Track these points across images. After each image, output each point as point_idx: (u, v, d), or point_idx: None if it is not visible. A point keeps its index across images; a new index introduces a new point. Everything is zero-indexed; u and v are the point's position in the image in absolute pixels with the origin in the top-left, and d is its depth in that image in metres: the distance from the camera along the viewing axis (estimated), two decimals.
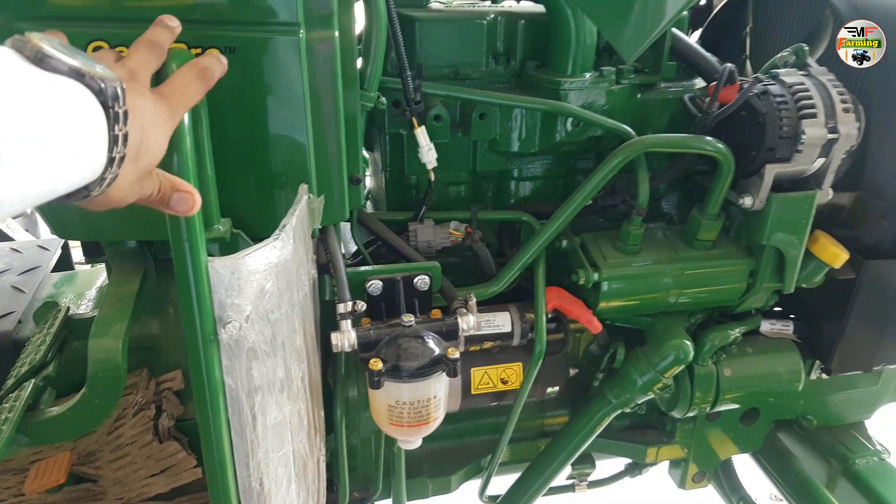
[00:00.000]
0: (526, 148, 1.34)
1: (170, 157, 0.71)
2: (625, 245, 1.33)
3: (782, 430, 1.89)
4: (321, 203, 1.03)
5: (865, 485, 1.72)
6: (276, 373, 0.92)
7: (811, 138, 1.21)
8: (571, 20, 1.25)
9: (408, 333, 1.10)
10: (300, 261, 0.96)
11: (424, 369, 1.07)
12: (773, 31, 1.76)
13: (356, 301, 1.09)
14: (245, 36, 0.93)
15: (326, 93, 1.01)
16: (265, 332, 0.87)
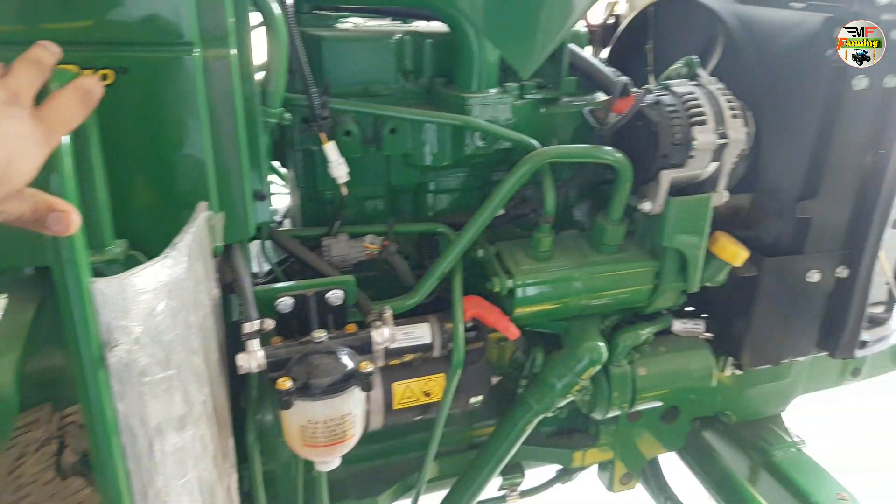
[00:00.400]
0: (438, 161, 1.37)
1: (46, 178, 0.70)
2: (536, 252, 1.36)
3: (705, 428, 1.96)
4: (221, 220, 1.03)
5: (785, 476, 1.80)
6: (172, 397, 0.91)
7: (702, 144, 1.27)
8: (473, 39, 1.28)
9: (319, 350, 1.10)
10: (198, 279, 0.95)
11: (337, 385, 1.07)
12: (673, 46, 1.85)
13: (263, 319, 1.09)
14: (138, 56, 0.93)
15: (224, 110, 1.01)
16: (158, 355, 0.86)
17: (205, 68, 0.97)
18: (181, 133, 0.98)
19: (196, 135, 0.98)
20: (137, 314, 0.80)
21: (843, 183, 1.46)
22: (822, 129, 1.40)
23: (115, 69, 0.92)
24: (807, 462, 1.84)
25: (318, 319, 1.17)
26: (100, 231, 0.92)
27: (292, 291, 1.16)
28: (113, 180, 0.94)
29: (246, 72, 1.04)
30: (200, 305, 0.96)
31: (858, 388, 2.06)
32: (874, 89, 1.37)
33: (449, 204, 1.51)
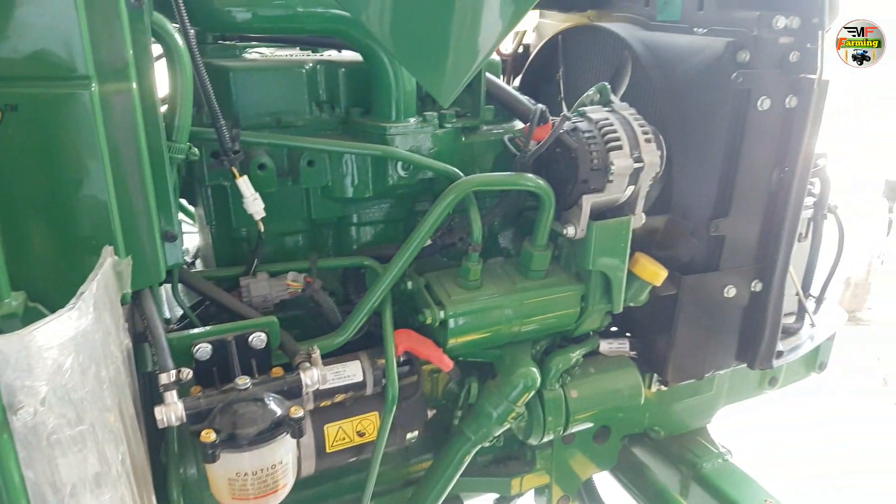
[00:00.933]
0: (360, 193, 1.33)
1: None
2: (466, 281, 1.34)
3: (635, 444, 1.98)
4: (129, 265, 0.95)
5: (714, 487, 1.83)
6: (87, 459, 0.83)
7: (619, 168, 1.29)
8: (389, 68, 1.27)
9: (244, 397, 1.04)
10: (107, 331, 0.88)
11: (265, 434, 1.01)
12: (583, 73, 1.90)
13: (180, 369, 1.01)
14: (29, 92, 0.86)
15: (127, 147, 0.95)
16: (68, 415, 0.78)
17: (103, 103, 0.91)
18: (80, 173, 0.91)
19: (97, 175, 0.92)
20: (43, 372, 0.73)
21: (752, 201, 1.52)
22: (729, 149, 1.46)
23: (1, 107, 0.85)
24: (734, 472, 1.89)
25: (240, 365, 1.10)
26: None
27: (210, 337, 1.09)
28: (6, 227, 0.86)
29: (149, 106, 0.98)
30: (111, 358, 0.89)
31: (775, 397, 2.14)
32: (777, 110, 1.44)
33: (373, 236, 1.48)
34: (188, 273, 1.19)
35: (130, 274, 0.96)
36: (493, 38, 1.10)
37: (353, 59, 1.40)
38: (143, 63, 0.96)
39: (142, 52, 0.96)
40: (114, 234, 0.94)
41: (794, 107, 1.45)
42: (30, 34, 0.84)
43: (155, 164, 0.99)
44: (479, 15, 1.07)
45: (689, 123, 1.50)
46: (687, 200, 1.53)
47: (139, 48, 0.95)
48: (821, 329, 1.84)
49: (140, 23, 0.95)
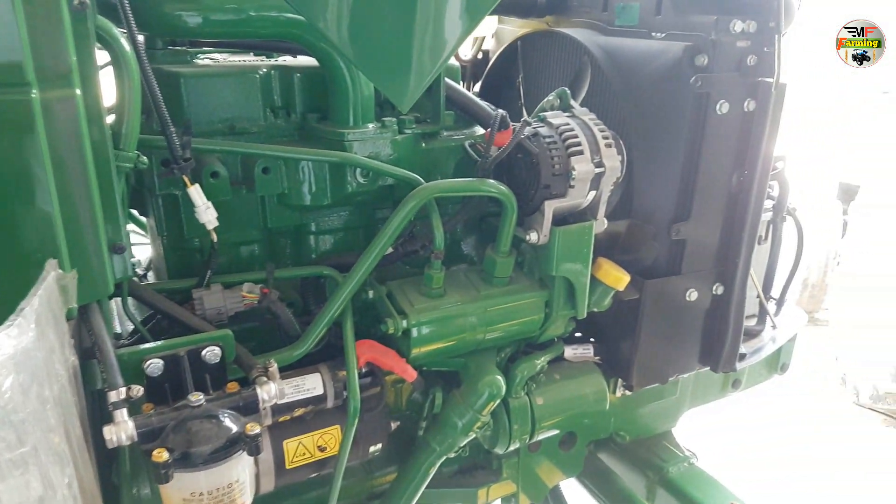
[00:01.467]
0: (318, 200, 1.30)
1: None
2: (429, 289, 1.32)
3: (601, 450, 1.98)
4: (74, 278, 0.91)
5: (680, 491, 1.84)
6: (29, 484, 0.78)
7: (581, 173, 1.29)
8: (346, 73, 1.24)
9: (197, 414, 1.00)
10: (50, 348, 0.83)
11: (220, 452, 0.97)
12: (542, 78, 1.90)
13: (130, 386, 0.97)
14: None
15: (72, 156, 0.91)
16: (9, 438, 0.74)
17: (45, 111, 0.87)
18: (22, 184, 0.87)
19: (40, 185, 0.88)
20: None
21: (712, 204, 1.53)
22: (689, 152, 1.47)
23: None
24: (699, 475, 1.90)
25: (193, 381, 1.06)
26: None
27: (162, 352, 1.05)
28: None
29: (94, 113, 0.94)
30: (55, 377, 0.84)
31: (735, 398, 2.15)
32: (735, 113, 1.45)
33: (332, 245, 1.45)
34: (138, 286, 1.14)
35: (76, 288, 0.91)
36: (452, 42, 1.08)
37: (308, 64, 1.37)
38: (87, 69, 0.92)
39: (86, 57, 0.92)
40: (58, 246, 0.90)
41: (752, 110, 1.47)
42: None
43: (101, 174, 0.95)
44: (439, 19, 1.05)
45: (649, 127, 1.50)
46: (648, 204, 1.54)
47: (83, 53, 0.91)
48: (782, 331, 1.86)
49: (83, 27, 0.91)
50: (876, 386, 4.36)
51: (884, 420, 4.31)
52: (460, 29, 1.08)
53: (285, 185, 1.27)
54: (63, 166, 0.90)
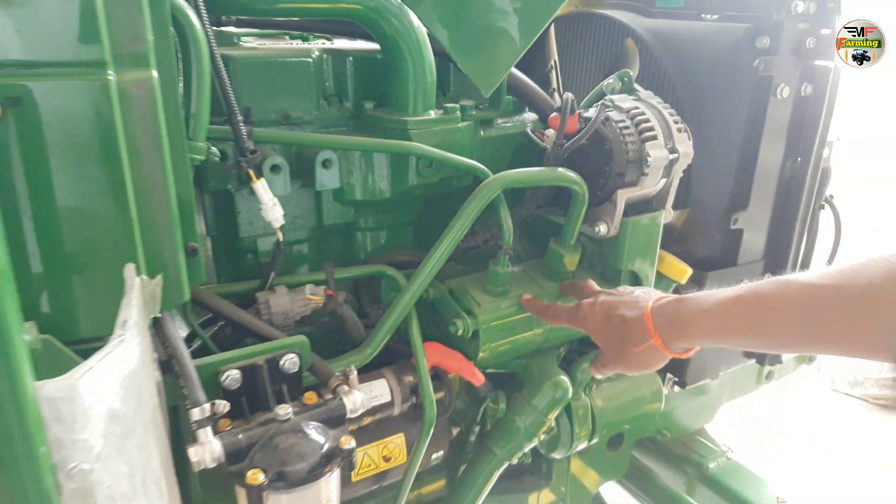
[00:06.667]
0: (377, 195, 1.21)
1: None
2: (494, 287, 1.24)
3: (636, 449, 1.93)
4: (159, 285, 0.81)
5: (722, 486, 1.80)
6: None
7: (656, 160, 1.23)
8: (409, 58, 1.15)
9: (286, 429, 0.91)
10: (145, 363, 0.73)
11: (317, 470, 0.88)
12: (575, 62, 1.84)
13: (214, 402, 0.88)
14: (34, 82, 0.71)
15: (148, 147, 0.80)
16: (122, 470, 0.64)
17: (121, 95, 0.76)
18: (95, 178, 0.76)
19: (115, 179, 0.77)
20: (97, 422, 0.59)
21: (768, 193, 1.49)
22: (748, 138, 1.42)
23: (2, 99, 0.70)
24: (739, 469, 1.87)
25: (272, 392, 0.96)
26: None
27: (239, 362, 0.95)
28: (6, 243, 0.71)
29: (170, 99, 0.84)
30: (150, 396, 0.75)
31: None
32: (794, 97, 1.41)
33: (382, 242, 1.36)
34: (199, 290, 1.04)
35: (160, 296, 0.81)
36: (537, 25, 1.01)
37: (359, 48, 1.28)
38: (163, 49, 0.82)
39: (162, 37, 0.82)
40: (135, 249, 0.80)
41: (808, 94, 1.43)
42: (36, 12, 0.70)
43: (177, 166, 0.85)
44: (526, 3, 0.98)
45: (706, 112, 1.45)
46: (705, 193, 1.49)
47: (160, 32, 0.81)
48: None
49: (161, 4, 0.81)
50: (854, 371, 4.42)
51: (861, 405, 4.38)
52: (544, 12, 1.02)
53: (344, 179, 1.18)
54: (139, 156, 0.79)
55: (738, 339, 1.00)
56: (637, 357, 1.07)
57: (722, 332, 0.99)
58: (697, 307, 1.00)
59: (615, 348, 1.10)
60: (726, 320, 0.98)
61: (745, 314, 0.95)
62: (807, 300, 0.88)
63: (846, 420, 4.17)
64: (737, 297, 0.97)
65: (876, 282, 0.81)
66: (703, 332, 1.00)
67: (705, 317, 0.99)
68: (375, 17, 1.08)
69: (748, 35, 1.37)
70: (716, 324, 0.98)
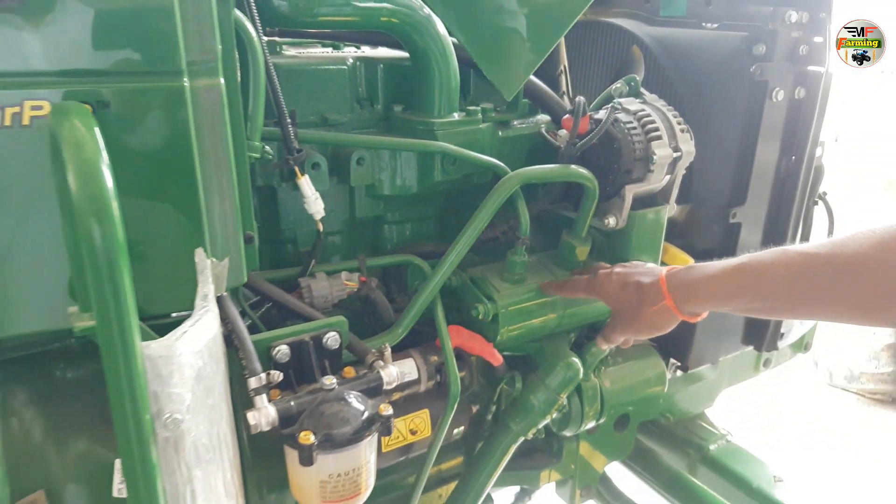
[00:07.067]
0: (405, 190, 1.33)
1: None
2: (512, 275, 1.36)
3: (641, 432, 2.04)
4: (225, 267, 0.92)
5: (722, 466, 1.91)
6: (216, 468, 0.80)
7: (661, 158, 1.34)
8: (436, 65, 1.26)
9: (331, 398, 1.02)
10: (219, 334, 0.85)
11: (360, 432, 0.99)
12: (584, 68, 1.95)
13: (269, 372, 0.99)
14: (121, 87, 0.82)
15: (216, 146, 0.92)
16: (203, 424, 0.75)
17: (194, 99, 0.88)
18: (170, 172, 0.88)
19: (187, 173, 0.88)
20: (187, 379, 0.70)
21: (764, 189, 1.60)
22: (745, 138, 1.53)
23: (93, 103, 0.81)
24: (739, 451, 1.97)
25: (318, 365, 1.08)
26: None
27: (288, 338, 1.06)
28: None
29: (234, 103, 0.95)
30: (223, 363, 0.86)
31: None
32: (788, 100, 1.52)
33: (406, 234, 1.47)
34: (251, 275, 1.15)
35: (226, 276, 0.92)
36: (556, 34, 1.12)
37: (389, 55, 1.39)
38: (228, 59, 0.93)
39: (228, 47, 0.93)
40: (203, 236, 0.91)
41: (802, 98, 1.54)
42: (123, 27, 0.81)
43: (238, 163, 0.96)
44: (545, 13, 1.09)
45: (706, 114, 1.56)
46: (706, 189, 1.60)
47: (226, 43, 0.92)
48: None
49: (227, 17, 0.92)
50: (850, 366, 4.49)
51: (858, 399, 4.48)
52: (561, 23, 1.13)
53: (376, 176, 1.29)
54: (207, 155, 0.91)
55: (742, 302, 1.12)
56: (650, 318, 1.20)
57: (727, 296, 1.11)
58: (705, 273, 1.13)
59: (631, 310, 1.23)
60: (731, 285, 1.10)
61: (748, 279, 1.07)
62: (802, 267, 1.00)
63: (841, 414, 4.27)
64: (741, 264, 1.09)
65: (862, 251, 0.93)
66: (711, 296, 1.13)
67: (713, 281, 1.11)
68: (409, 29, 1.20)
69: (745, 43, 1.47)
70: (722, 288, 1.11)
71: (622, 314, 1.29)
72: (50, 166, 0.77)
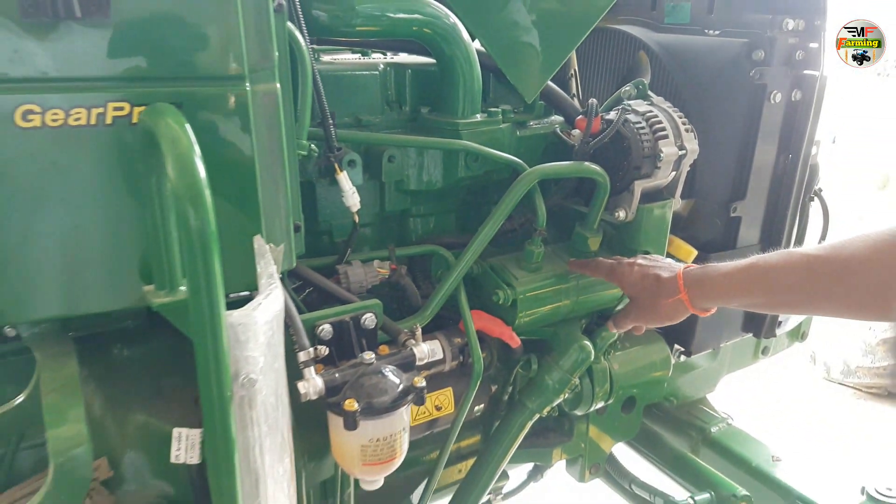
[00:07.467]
0: (431, 185, 1.44)
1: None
2: (529, 264, 1.47)
3: (646, 416, 2.15)
4: (281, 252, 1.03)
5: (723, 447, 2.02)
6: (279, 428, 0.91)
7: (667, 155, 1.45)
8: (461, 70, 1.37)
9: (370, 371, 1.13)
10: None
11: (397, 402, 1.10)
12: (593, 72, 2.06)
13: (317, 346, 1.10)
14: (192, 90, 0.93)
15: (272, 144, 1.02)
16: (271, 386, 0.87)
17: (254, 102, 0.98)
18: (233, 167, 0.98)
19: (248, 168, 0.99)
20: (261, 344, 0.81)
21: (763, 185, 1.72)
22: (745, 138, 1.65)
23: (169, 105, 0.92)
24: (739, 433, 2.09)
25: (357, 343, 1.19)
26: (172, 271, 0.91)
27: (331, 318, 1.18)
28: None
29: (286, 106, 1.06)
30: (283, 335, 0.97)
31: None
32: (785, 102, 1.63)
33: (433, 227, 1.58)
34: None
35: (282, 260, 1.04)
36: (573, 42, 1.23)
37: (415, 61, 1.50)
38: (283, 65, 1.04)
39: (283, 54, 1.04)
40: (260, 224, 1.02)
41: (798, 100, 1.65)
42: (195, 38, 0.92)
43: (290, 160, 1.07)
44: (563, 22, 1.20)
45: (709, 115, 1.67)
46: (708, 185, 1.71)
47: (280, 51, 1.03)
48: None
49: (281, 27, 1.03)
50: (846, 361, 4.58)
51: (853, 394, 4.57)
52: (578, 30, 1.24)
53: (405, 172, 1.41)
54: (264, 152, 1.01)
55: (749, 299, 1.24)
56: (664, 309, 1.32)
57: (737, 294, 1.24)
58: (718, 272, 1.25)
59: (647, 300, 1.35)
60: (741, 283, 1.22)
61: (755, 278, 1.19)
62: (804, 268, 1.12)
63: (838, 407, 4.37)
64: (749, 265, 1.21)
65: (858, 253, 1.05)
66: (722, 293, 1.25)
67: (724, 280, 1.24)
68: (438, 39, 1.31)
69: (745, 48, 1.59)
70: (732, 286, 1.23)
71: (638, 303, 1.41)
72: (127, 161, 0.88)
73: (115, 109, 0.90)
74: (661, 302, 1.34)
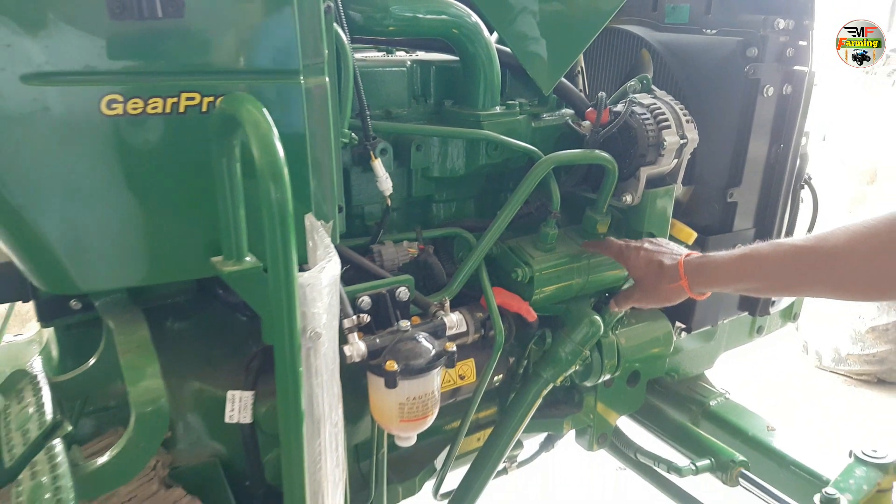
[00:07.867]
0: (454, 172, 1.56)
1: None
2: (544, 244, 1.60)
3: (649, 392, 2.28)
4: (329, 229, 1.16)
5: (722, 419, 2.15)
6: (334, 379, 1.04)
7: (670, 144, 1.58)
8: (483, 66, 1.50)
9: (406, 337, 1.26)
10: None
11: (432, 364, 1.23)
12: (598, 69, 2.19)
13: (359, 314, 1.23)
14: (255, 84, 1.05)
15: (321, 132, 1.14)
16: (329, 340, 0.99)
17: (307, 95, 1.11)
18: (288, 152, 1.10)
19: (301, 153, 1.11)
20: (324, 303, 0.94)
21: (756, 172, 1.85)
22: (740, 129, 1.78)
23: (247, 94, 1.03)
24: (737, 406, 2.22)
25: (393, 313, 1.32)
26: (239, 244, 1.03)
27: (370, 291, 1.30)
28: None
29: (333, 98, 1.18)
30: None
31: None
32: (777, 96, 1.76)
33: (454, 211, 1.71)
34: None
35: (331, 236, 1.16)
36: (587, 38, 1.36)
37: (439, 58, 1.63)
38: (331, 61, 1.16)
39: (331, 51, 1.16)
40: (310, 204, 1.14)
41: (788, 94, 1.79)
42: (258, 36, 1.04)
43: (335, 147, 1.19)
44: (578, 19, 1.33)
45: (707, 108, 1.80)
46: (707, 172, 1.84)
47: (329, 48, 1.15)
48: None
49: (330, 27, 1.15)
50: (837, 349, 4.72)
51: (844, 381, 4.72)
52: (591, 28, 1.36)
53: (431, 160, 1.53)
54: (315, 140, 1.13)
55: (743, 285, 1.38)
56: (665, 292, 1.46)
57: (732, 280, 1.38)
58: (715, 261, 1.39)
59: (650, 283, 1.49)
60: (735, 271, 1.36)
61: (749, 266, 1.33)
62: (792, 256, 1.26)
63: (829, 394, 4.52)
64: (743, 254, 1.34)
65: (840, 243, 1.19)
66: (719, 279, 1.39)
67: (721, 268, 1.37)
68: (463, 37, 1.44)
69: (740, 46, 1.72)
70: (728, 273, 1.37)
71: (642, 285, 1.54)
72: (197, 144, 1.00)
73: (188, 99, 1.02)
74: (662, 286, 1.48)
